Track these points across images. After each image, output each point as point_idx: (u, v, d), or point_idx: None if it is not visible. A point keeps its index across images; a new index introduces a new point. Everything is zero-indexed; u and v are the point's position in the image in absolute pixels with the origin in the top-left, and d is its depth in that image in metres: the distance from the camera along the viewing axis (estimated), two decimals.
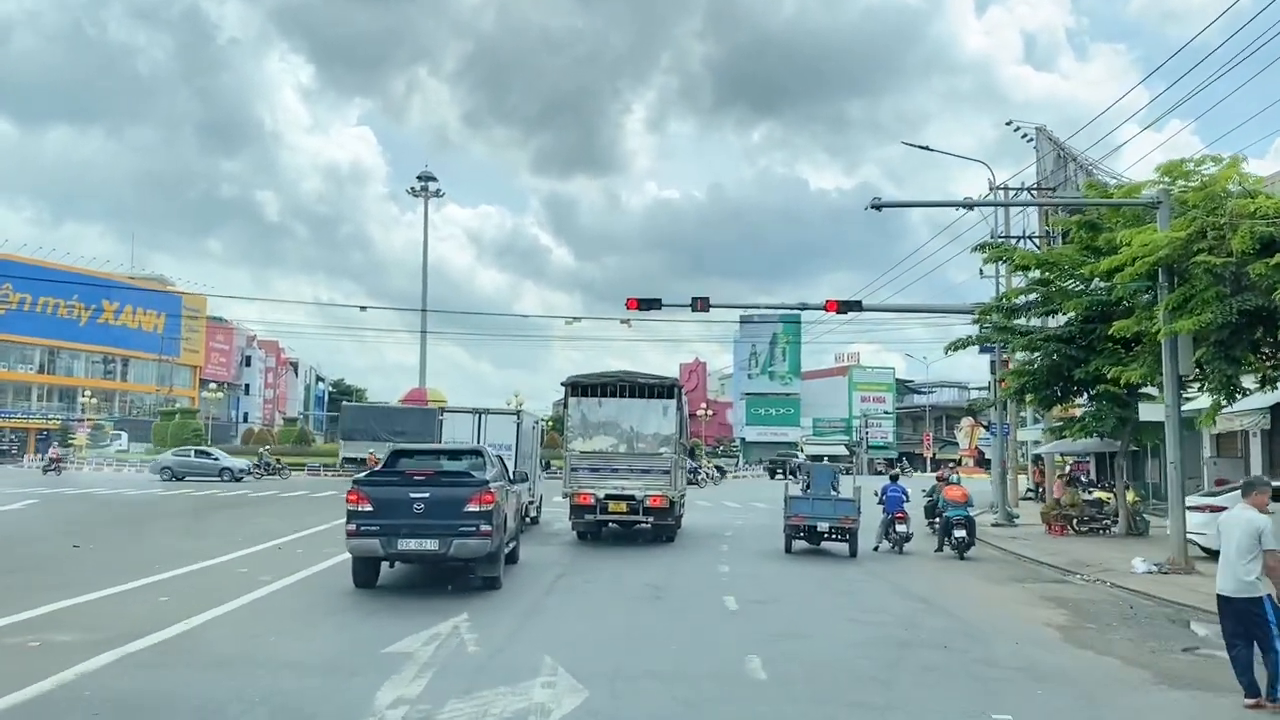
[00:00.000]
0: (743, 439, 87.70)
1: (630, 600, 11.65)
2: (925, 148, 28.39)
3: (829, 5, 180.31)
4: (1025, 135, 39.40)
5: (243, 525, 20.77)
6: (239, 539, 17.35)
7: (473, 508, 11.25)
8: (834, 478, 18.45)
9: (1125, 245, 16.39)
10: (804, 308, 29.50)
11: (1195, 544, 15.59)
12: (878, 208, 16.54)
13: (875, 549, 18.15)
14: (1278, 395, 17.45)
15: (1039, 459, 42.92)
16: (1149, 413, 17.91)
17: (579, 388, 18.62)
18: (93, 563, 13.93)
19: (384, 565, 12.27)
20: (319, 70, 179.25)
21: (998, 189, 28.63)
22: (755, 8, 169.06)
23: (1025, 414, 40.73)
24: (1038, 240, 32.18)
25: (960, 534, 17.52)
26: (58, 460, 44.34)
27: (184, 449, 45.77)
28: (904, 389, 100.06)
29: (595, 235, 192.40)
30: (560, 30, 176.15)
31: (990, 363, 30.51)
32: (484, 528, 11.25)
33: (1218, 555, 7.41)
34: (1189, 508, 15.87)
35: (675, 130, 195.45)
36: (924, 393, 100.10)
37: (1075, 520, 23.40)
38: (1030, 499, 37.26)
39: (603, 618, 10.45)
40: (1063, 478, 29.51)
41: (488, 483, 11.55)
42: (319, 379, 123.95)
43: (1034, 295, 23.90)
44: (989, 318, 24.55)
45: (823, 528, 17.15)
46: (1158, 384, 20.55)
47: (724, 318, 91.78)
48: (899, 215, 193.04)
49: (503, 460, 14.29)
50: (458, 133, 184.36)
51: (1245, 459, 23.59)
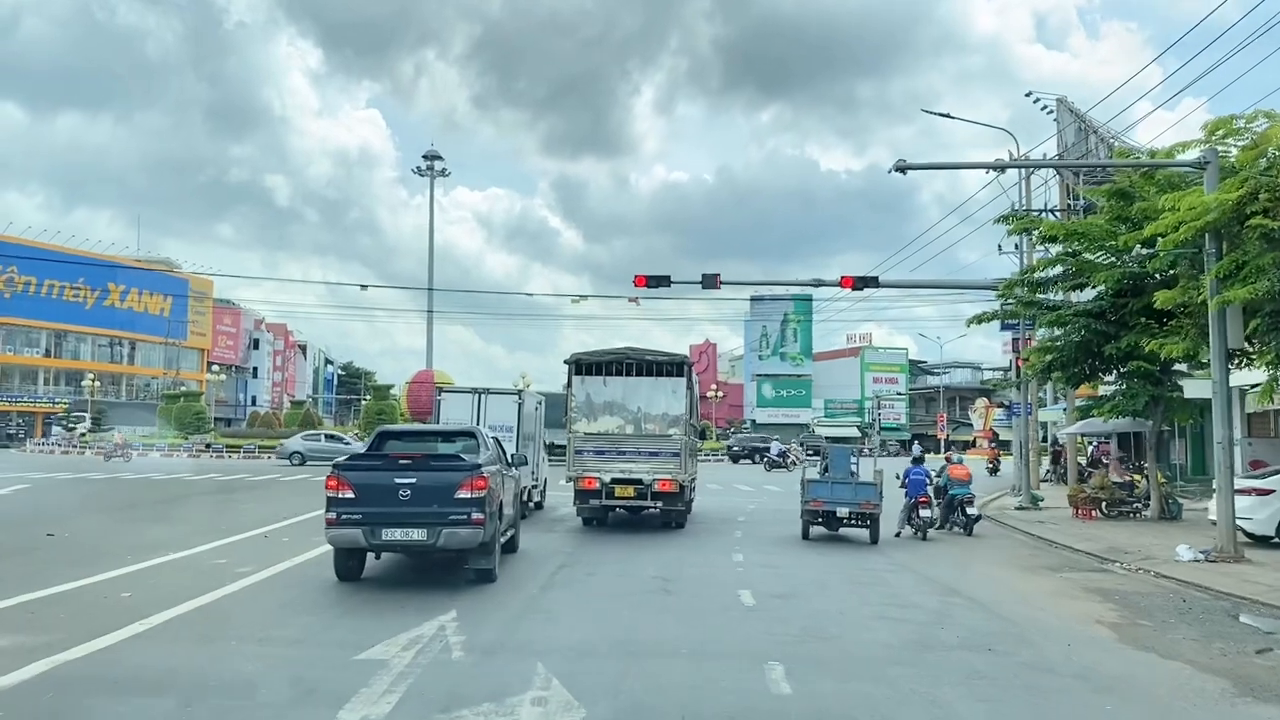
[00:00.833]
0: (753, 421, 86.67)
1: (636, 595, 10.63)
2: (946, 115, 27.22)
3: None
4: (1046, 107, 38.15)
5: (250, 508, 20.13)
6: (234, 525, 16.52)
7: (464, 494, 10.28)
8: (854, 460, 17.45)
9: (1166, 211, 15.31)
10: (819, 284, 28.50)
11: (1240, 530, 14.54)
12: (903, 170, 15.46)
13: (897, 535, 17.20)
14: None
15: (1056, 440, 41.97)
16: (1195, 389, 16.77)
17: (583, 366, 17.62)
18: (64, 553, 13.03)
19: (370, 556, 11.37)
20: (327, 54, 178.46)
21: (1018, 162, 27.37)
22: None
23: (1045, 394, 39.71)
24: (1060, 214, 31.06)
25: (972, 511, 17.53)
26: (122, 446, 42.19)
27: (313, 433, 44.22)
28: (917, 370, 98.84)
29: (604, 217, 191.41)
30: (569, 12, 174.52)
31: (1012, 340, 29.51)
32: (476, 516, 10.28)
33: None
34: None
35: (684, 112, 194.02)
36: (937, 373, 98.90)
37: (1104, 504, 22.36)
38: (1049, 481, 36.32)
39: (605, 617, 9.43)
40: (1118, 459, 28.04)
41: (480, 467, 10.57)
42: (328, 362, 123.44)
43: (1062, 268, 22.86)
44: (1014, 291, 23.47)
45: (842, 513, 16.16)
46: (1200, 360, 19.48)
47: (734, 295, 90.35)
48: (909, 196, 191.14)
49: (499, 442, 13.28)
50: (466, 115, 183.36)
51: None
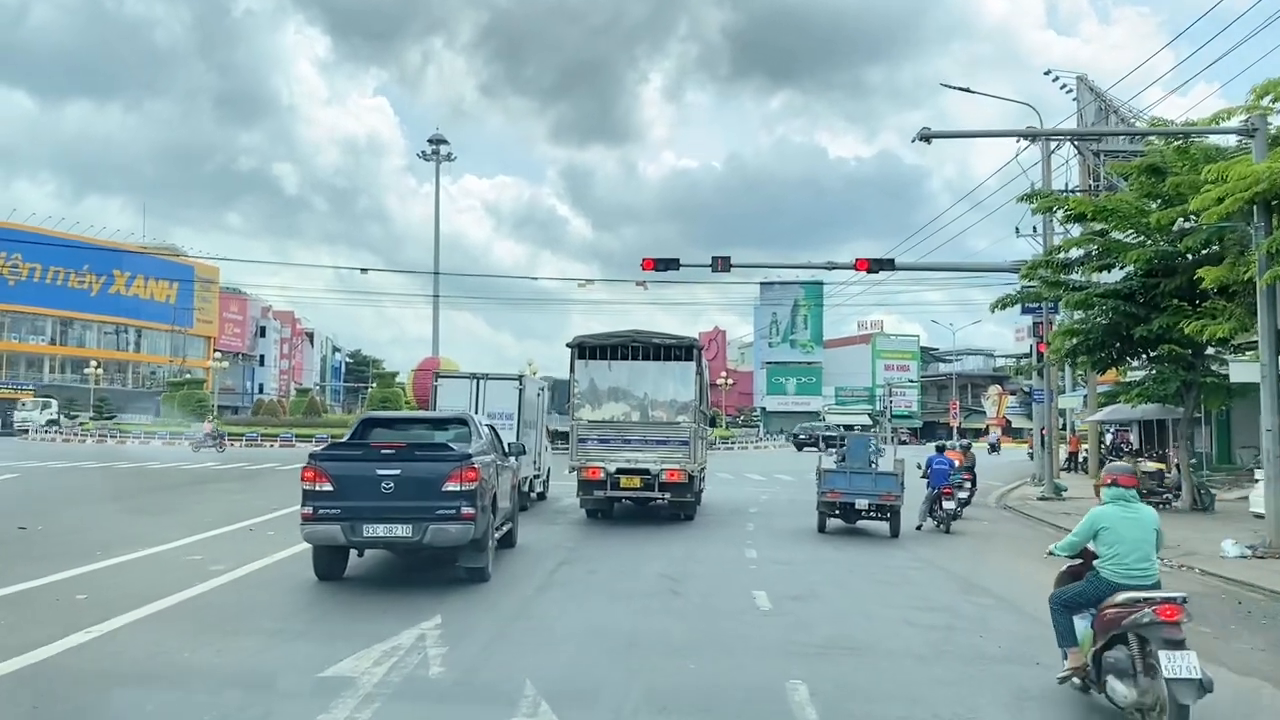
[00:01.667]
0: (763, 408, 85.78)
1: (641, 597, 9.71)
2: (965, 89, 26.22)
3: None
4: (1065, 86, 36.94)
5: (242, 498, 19.46)
6: (219, 517, 15.73)
7: (452, 486, 9.40)
8: (873, 448, 16.54)
9: (1209, 183, 14.32)
10: (832, 266, 27.65)
11: None
12: (926, 139, 14.56)
13: (918, 528, 16.29)
14: None
15: (1074, 428, 40.98)
16: (1241, 373, 15.77)
17: (587, 349, 16.70)
18: (32, 547, 12.23)
19: (354, 553, 10.53)
20: (335, 42, 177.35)
21: (1050, 131, 26.33)
22: None
23: (1064, 381, 38.69)
24: (1082, 195, 30.01)
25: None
26: (213, 435, 40.71)
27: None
28: (928, 357, 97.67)
29: (612, 206, 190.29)
30: None
31: (1033, 324, 28.54)
32: (466, 510, 9.41)
33: None
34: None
35: (693, 99, 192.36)
36: (949, 360, 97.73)
37: None
38: (1067, 470, 35.46)
39: (606, 623, 8.52)
40: (1175, 447, 26.61)
41: (471, 457, 9.68)
42: (335, 349, 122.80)
43: (1088, 249, 21.86)
44: (1037, 272, 22.47)
45: (861, 505, 15.25)
46: (1241, 342, 18.48)
47: (744, 279, 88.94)
48: (919, 184, 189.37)
49: (494, 430, 12.41)
50: (474, 103, 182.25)
51: None
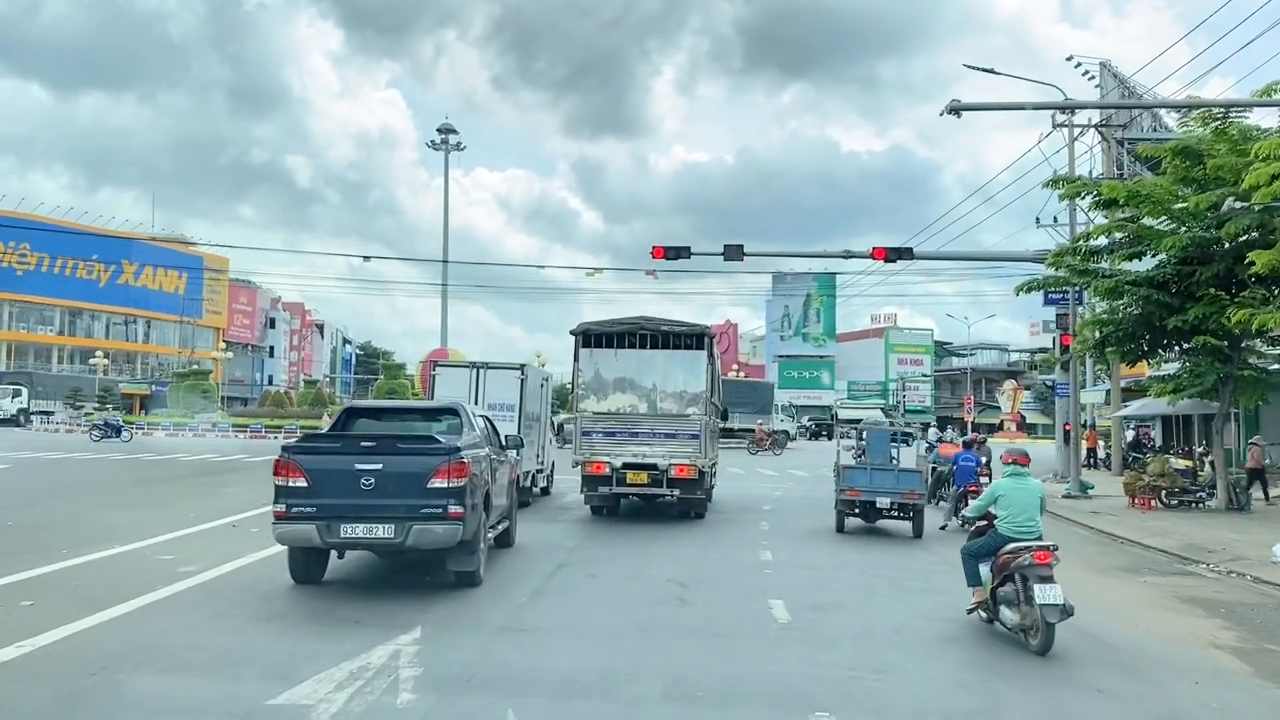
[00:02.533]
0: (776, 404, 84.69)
1: (646, 607, 8.80)
2: (990, 70, 25.02)
3: None
4: (1088, 73, 35.97)
5: (232, 491, 18.82)
6: (205, 512, 14.97)
7: (438, 483, 8.55)
8: (894, 444, 15.62)
9: (1260, 161, 13.37)
10: (849, 255, 26.76)
11: None
12: (956, 112, 13.61)
13: (942, 528, 15.39)
14: None
15: (1093, 424, 40.03)
16: None
17: (592, 337, 15.80)
18: None
19: (334, 555, 9.69)
20: (347, 35, 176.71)
21: (1088, 103, 25.29)
22: None
23: (1084, 375, 37.68)
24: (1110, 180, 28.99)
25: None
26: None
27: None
28: (942, 351, 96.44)
29: (624, 199, 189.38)
30: None
31: (1057, 315, 27.57)
32: (453, 509, 8.55)
33: None
34: None
35: (704, 93, 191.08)
36: (963, 355, 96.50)
37: (1164, 492, 20.41)
38: (1087, 466, 34.47)
39: (604, 638, 7.62)
40: (1211, 440, 25.44)
41: (460, 450, 8.80)
42: (346, 341, 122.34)
43: (1118, 236, 20.88)
44: (1064, 260, 21.48)
45: (882, 503, 14.34)
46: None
47: (756, 269, 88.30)
48: (930, 178, 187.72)
49: (489, 422, 11.55)
50: (486, 97, 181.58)
51: None
